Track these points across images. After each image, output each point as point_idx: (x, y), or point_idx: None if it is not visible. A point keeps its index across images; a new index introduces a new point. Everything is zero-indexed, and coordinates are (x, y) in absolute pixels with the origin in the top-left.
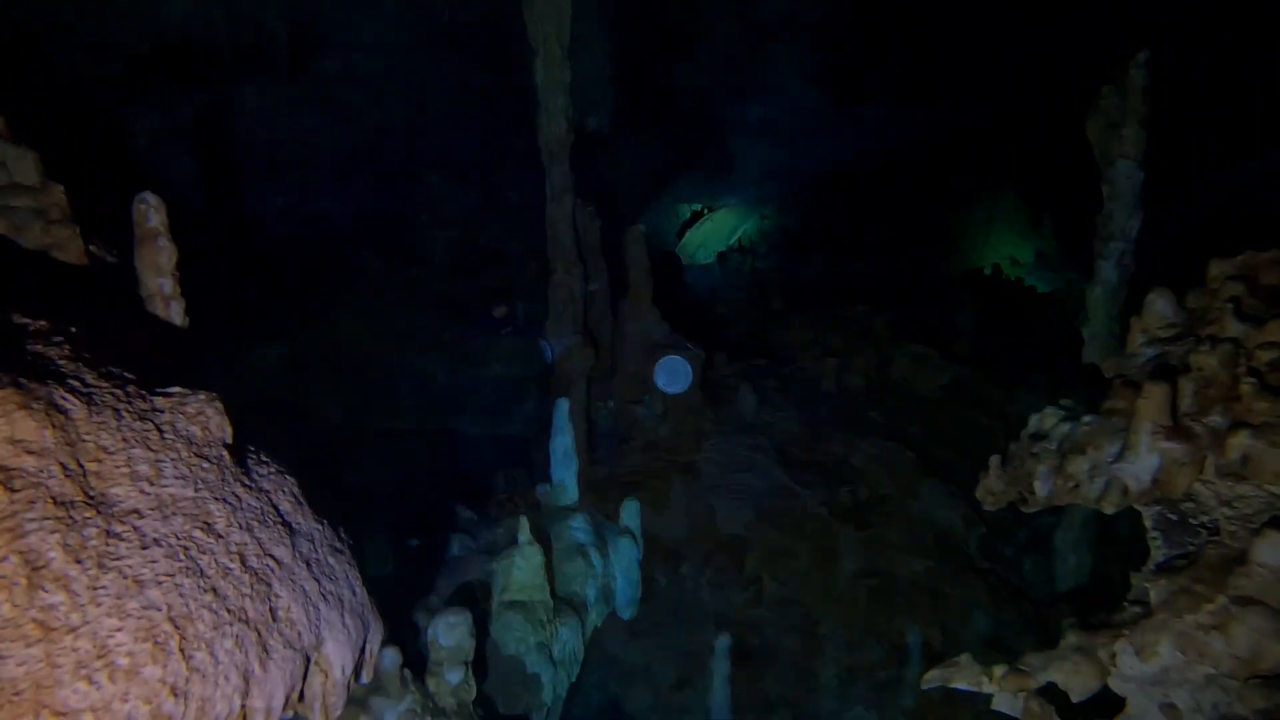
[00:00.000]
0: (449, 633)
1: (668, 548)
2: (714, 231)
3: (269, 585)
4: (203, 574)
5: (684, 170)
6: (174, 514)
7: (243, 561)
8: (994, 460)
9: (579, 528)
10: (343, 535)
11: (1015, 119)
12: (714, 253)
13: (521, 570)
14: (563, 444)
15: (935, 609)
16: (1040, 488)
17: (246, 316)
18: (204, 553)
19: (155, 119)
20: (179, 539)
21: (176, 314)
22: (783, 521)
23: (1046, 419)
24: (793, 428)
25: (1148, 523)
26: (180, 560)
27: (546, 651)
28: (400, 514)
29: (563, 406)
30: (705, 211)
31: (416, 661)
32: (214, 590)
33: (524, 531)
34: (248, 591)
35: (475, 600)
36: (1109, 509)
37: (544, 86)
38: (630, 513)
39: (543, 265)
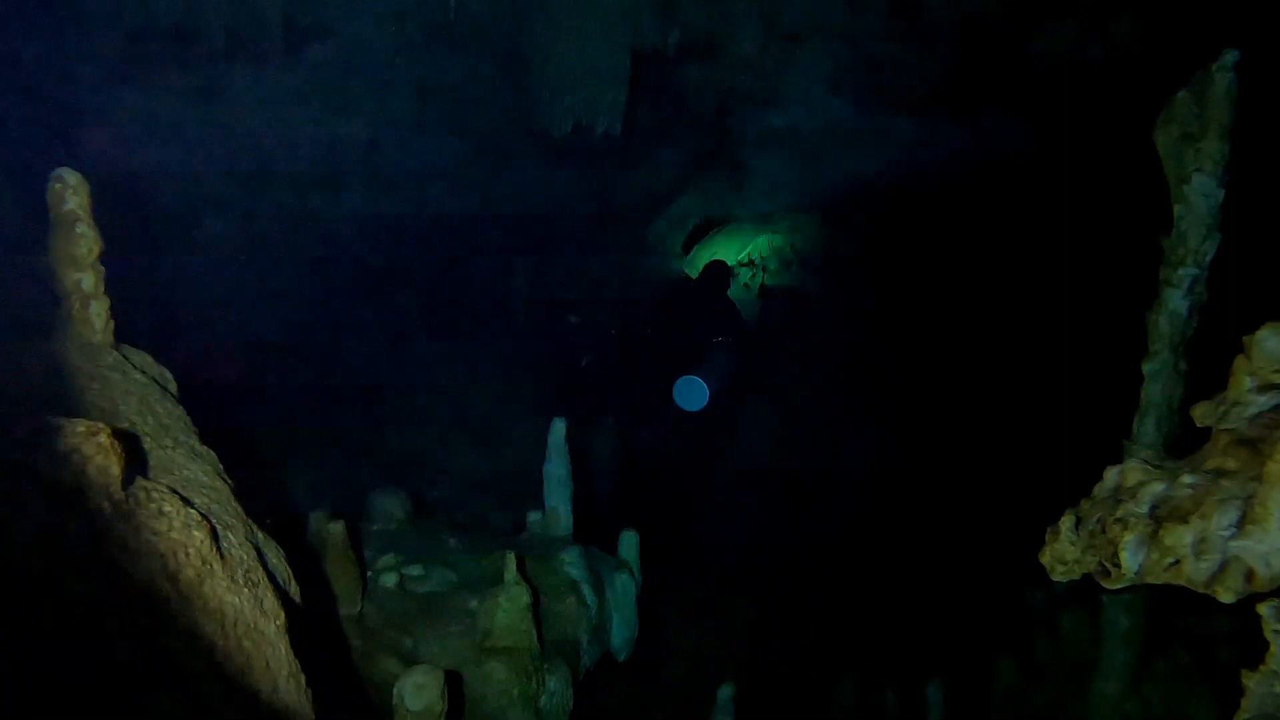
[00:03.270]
0: (417, 695)
1: None
2: (723, 245)
3: None
4: None
5: (696, 179)
6: None
7: None
8: (1065, 521)
9: (572, 562)
10: (268, 606)
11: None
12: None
13: (506, 613)
14: (557, 469)
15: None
16: (1129, 560)
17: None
18: None
19: (142, 102)
20: None
21: (97, 316)
22: None
23: (1129, 474)
24: None
25: (1265, 611)
26: None
27: (532, 705)
28: (374, 543)
29: (558, 428)
30: (714, 224)
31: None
32: None
33: (510, 570)
34: None
35: (454, 645)
36: (1226, 597)
37: None
38: (628, 545)
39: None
